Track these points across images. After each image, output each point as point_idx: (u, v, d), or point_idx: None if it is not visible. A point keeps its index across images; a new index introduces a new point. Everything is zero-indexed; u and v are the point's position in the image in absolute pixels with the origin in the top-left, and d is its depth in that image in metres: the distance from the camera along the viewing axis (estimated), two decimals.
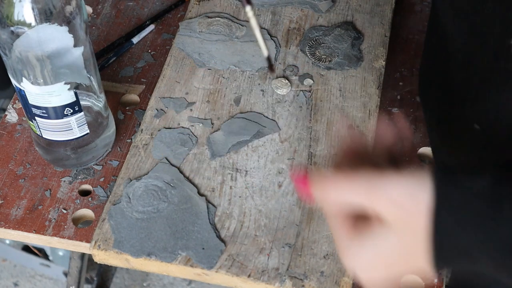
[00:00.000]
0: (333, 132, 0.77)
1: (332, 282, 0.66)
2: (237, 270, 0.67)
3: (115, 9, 0.94)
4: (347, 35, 0.86)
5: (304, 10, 0.89)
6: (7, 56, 0.66)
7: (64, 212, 0.74)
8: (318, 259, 0.67)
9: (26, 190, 0.76)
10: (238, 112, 0.79)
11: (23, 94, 0.69)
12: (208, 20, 0.88)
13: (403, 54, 0.88)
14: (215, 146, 0.76)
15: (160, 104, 0.80)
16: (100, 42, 0.90)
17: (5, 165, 0.78)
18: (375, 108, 0.79)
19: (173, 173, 0.74)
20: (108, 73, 0.86)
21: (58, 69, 0.66)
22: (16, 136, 0.80)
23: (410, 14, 0.92)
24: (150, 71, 0.87)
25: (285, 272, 0.67)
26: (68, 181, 0.76)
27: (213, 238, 0.69)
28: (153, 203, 0.71)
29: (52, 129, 0.72)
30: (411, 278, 0.70)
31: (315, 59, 0.84)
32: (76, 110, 0.71)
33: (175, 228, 0.69)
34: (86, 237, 0.72)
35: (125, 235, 0.69)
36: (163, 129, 0.78)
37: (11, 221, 0.73)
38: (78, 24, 0.65)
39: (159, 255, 0.68)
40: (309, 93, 0.81)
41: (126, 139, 0.80)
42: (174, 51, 0.85)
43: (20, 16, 0.62)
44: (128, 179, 0.73)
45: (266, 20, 0.88)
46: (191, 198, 0.72)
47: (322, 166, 0.74)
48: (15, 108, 0.83)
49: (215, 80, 0.82)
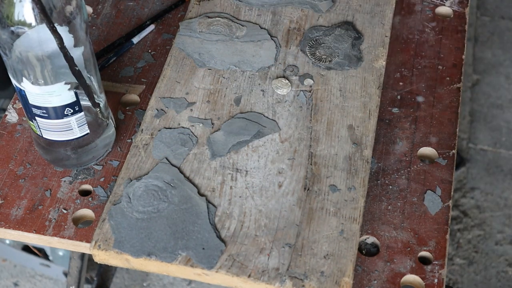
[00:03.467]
0: (333, 132, 0.77)
1: (332, 282, 0.66)
2: (237, 270, 0.67)
3: (115, 9, 0.94)
4: (347, 35, 0.86)
5: (304, 10, 0.89)
6: (7, 56, 0.66)
7: (64, 212, 0.74)
8: (318, 259, 0.67)
9: (26, 190, 0.76)
10: (238, 112, 0.79)
11: (23, 94, 0.69)
12: (208, 20, 0.88)
13: (403, 54, 0.88)
14: (215, 146, 0.76)
15: (160, 104, 0.80)
16: (100, 42, 0.90)
17: (5, 165, 0.78)
18: (375, 108, 0.79)
19: (173, 173, 0.74)
20: (108, 73, 0.86)
21: (58, 69, 0.66)
22: (16, 136, 0.80)
23: (410, 14, 0.92)
24: (150, 71, 0.87)
25: (285, 272, 0.67)
26: (68, 181, 0.76)
27: (213, 238, 0.69)
28: (153, 203, 0.71)
29: (52, 129, 0.72)
30: (411, 278, 0.70)
31: (315, 59, 0.84)
32: (76, 110, 0.71)
33: (175, 228, 0.69)
34: (86, 237, 0.72)
35: (125, 235, 0.69)
36: (163, 129, 0.78)
37: (11, 221, 0.73)
38: (78, 24, 0.65)
39: (159, 255, 0.68)
40: (309, 93, 0.81)
41: (126, 139, 0.80)
42: (174, 51, 0.85)
43: (21, 16, 0.62)
44: (128, 179, 0.73)
45: (266, 20, 0.88)
46: (191, 198, 0.72)
47: (322, 166, 0.74)
48: (15, 108, 0.83)
49: (215, 80, 0.82)
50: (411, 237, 0.72)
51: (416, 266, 0.70)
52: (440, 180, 0.76)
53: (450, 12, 0.92)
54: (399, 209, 0.74)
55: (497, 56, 1.83)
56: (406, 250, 0.71)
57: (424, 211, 0.74)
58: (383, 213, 0.74)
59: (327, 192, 0.72)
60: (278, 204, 0.72)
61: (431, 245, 0.72)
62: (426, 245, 0.72)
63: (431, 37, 0.90)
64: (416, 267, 0.70)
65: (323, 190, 0.72)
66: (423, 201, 0.75)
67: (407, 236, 0.72)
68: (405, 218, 0.74)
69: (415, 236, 0.72)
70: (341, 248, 0.68)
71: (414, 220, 0.73)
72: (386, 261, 0.71)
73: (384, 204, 0.75)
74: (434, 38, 0.90)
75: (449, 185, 0.76)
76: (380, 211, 0.74)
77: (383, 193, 0.76)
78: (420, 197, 0.75)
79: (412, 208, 0.74)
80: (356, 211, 0.71)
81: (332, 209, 0.71)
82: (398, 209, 0.74)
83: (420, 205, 0.75)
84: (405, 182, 0.76)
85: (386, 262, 0.71)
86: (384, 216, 0.74)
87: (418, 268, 0.70)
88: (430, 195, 0.75)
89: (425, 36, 0.90)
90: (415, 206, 0.74)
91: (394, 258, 0.71)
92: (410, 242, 0.72)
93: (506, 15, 1.91)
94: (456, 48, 0.88)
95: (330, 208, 0.71)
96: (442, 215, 0.74)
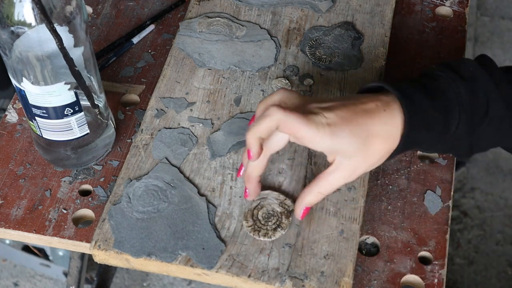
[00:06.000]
0: None
1: (332, 282, 0.66)
2: (237, 270, 0.67)
3: (115, 9, 0.94)
4: (347, 35, 0.86)
5: (304, 10, 0.89)
6: (7, 56, 0.66)
7: (64, 212, 0.74)
8: (318, 259, 0.67)
9: (26, 190, 0.76)
10: (238, 112, 0.79)
11: (23, 94, 0.69)
12: (208, 20, 0.88)
13: (403, 54, 0.88)
14: (215, 146, 0.76)
15: (160, 104, 0.80)
16: (100, 42, 0.90)
17: (5, 165, 0.78)
18: None
19: (173, 173, 0.74)
20: (108, 73, 0.86)
21: (58, 69, 0.66)
22: (16, 136, 0.80)
23: (410, 14, 0.92)
24: (150, 71, 0.87)
25: (285, 272, 0.67)
26: (68, 181, 0.76)
27: (213, 238, 0.69)
28: (153, 203, 0.71)
29: (52, 129, 0.72)
30: (411, 278, 0.70)
31: (315, 59, 0.84)
32: (76, 110, 0.71)
33: (175, 228, 0.69)
34: (86, 237, 0.72)
35: (125, 235, 0.69)
36: (163, 129, 0.78)
37: (11, 221, 0.73)
38: (78, 24, 0.65)
39: (159, 255, 0.68)
40: (309, 93, 0.81)
41: (126, 139, 0.80)
42: (174, 51, 0.85)
43: (20, 16, 0.62)
44: (128, 179, 0.73)
45: (266, 20, 0.88)
46: (191, 198, 0.72)
47: (322, 166, 0.74)
48: (15, 108, 0.83)
49: (215, 80, 0.82)
50: (411, 237, 0.72)
51: (416, 266, 0.70)
52: (440, 180, 0.76)
53: (450, 12, 0.92)
54: (399, 209, 0.74)
55: (497, 56, 1.83)
56: (406, 250, 0.71)
57: (424, 211, 0.74)
58: (383, 213, 0.74)
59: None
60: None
61: (431, 245, 0.72)
62: (426, 245, 0.72)
63: (431, 37, 0.90)
64: (416, 267, 0.70)
65: None
66: (423, 201, 0.75)
67: (407, 236, 0.72)
68: (405, 218, 0.74)
69: (415, 236, 0.72)
70: (341, 248, 0.68)
71: (414, 220, 0.73)
72: (386, 261, 0.71)
73: (384, 204, 0.75)
74: (434, 38, 0.89)
75: (449, 185, 0.76)
76: (380, 211, 0.74)
77: (383, 193, 0.76)
78: (420, 197, 0.75)
79: (412, 208, 0.74)
80: (356, 211, 0.71)
81: (332, 209, 0.71)
82: (398, 209, 0.74)
83: (420, 205, 0.75)
84: (405, 182, 0.76)
85: (386, 262, 0.70)
86: (384, 216, 0.74)
87: (418, 268, 0.70)
88: (430, 195, 0.75)
89: (425, 36, 0.90)
90: (415, 206, 0.74)
91: (394, 258, 0.71)
92: (410, 242, 0.72)
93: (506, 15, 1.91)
94: (456, 48, 0.88)
95: (330, 208, 0.71)
96: (442, 215, 0.74)
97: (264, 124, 0.63)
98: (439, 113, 0.65)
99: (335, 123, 0.62)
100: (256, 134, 0.64)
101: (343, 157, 0.63)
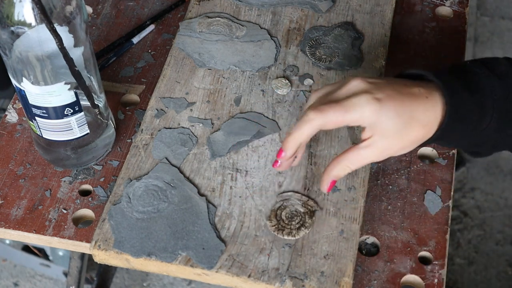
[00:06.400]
0: (333, 132, 0.77)
1: (332, 282, 0.66)
2: (237, 270, 0.67)
3: (115, 9, 0.94)
4: (347, 35, 0.86)
5: (304, 10, 0.89)
6: (7, 56, 0.66)
7: (64, 212, 0.74)
8: (318, 259, 0.67)
9: (26, 190, 0.76)
10: (238, 112, 0.79)
11: (23, 94, 0.69)
12: (208, 20, 0.88)
13: (403, 54, 0.88)
14: (215, 146, 0.76)
15: (160, 104, 0.80)
16: (100, 42, 0.90)
17: (5, 165, 0.78)
18: None
19: (173, 173, 0.74)
20: (108, 73, 0.86)
21: (58, 69, 0.66)
22: (16, 136, 0.80)
23: (410, 14, 0.92)
24: (150, 71, 0.87)
25: (285, 272, 0.67)
26: (68, 181, 0.76)
27: (213, 238, 0.69)
28: (153, 203, 0.71)
29: (52, 129, 0.72)
30: (411, 278, 0.70)
31: (315, 59, 0.84)
32: (76, 110, 0.71)
33: (175, 228, 0.69)
34: (86, 237, 0.72)
35: (125, 235, 0.69)
36: (163, 129, 0.78)
37: (11, 221, 0.73)
38: (78, 24, 0.65)
39: (159, 255, 0.68)
40: (309, 93, 0.81)
41: (126, 139, 0.80)
42: (174, 51, 0.85)
43: (20, 16, 0.62)
44: (128, 179, 0.73)
45: (266, 20, 0.88)
46: (191, 198, 0.72)
47: (322, 166, 0.74)
48: (15, 108, 0.83)
49: (215, 80, 0.82)
50: (411, 237, 0.72)
51: (416, 266, 0.70)
52: (440, 180, 0.76)
53: (450, 12, 0.92)
54: (399, 209, 0.74)
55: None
56: (406, 250, 0.71)
57: (424, 211, 0.74)
58: (383, 213, 0.74)
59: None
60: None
61: (431, 245, 0.72)
62: (426, 245, 0.72)
63: (431, 37, 0.90)
64: (416, 267, 0.70)
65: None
66: (423, 201, 0.75)
67: (407, 236, 0.72)
68: (405, 218, 0.74)
69: (415, 236, 0.72)
70: (341, 248, 0.68)
71: (414, 220, 0.73)
72: (386, 261, 0.71)
73: (384, 204, 0.75)
74: (434, 38, 0.89)
75: (449, 185, 0.76)
76: (380, 211, 0.74)
77: (383, 193, 0.76)
78: (420, 197, 0.75)
79: (412, 208, 0.74)
80: (356, 211, 0.71)
81: (332, 209, 0.71)
82: (398, 209, 0.74)
83: (420, 205, 0.75)
84: (405, 182, 0.76)
85: (386, 262, 0.70)
86: (384, 216, 0.74)
87: (418, 268, 0.70)
88: (430, 195, 0.75)
89: (425, 36, 0.90)
90: (415, 206, 0.74)
91: (394, 258, 0.71)
92: (410, 242, 0.72)
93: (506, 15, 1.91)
94: (456, 48, 0.88)
95: (330, 208, 0.71)
96: (442, 215, 0.74)
97: (306, 131, 0.64)
98: (476, 108, 0.65)
99: (382, 98, 0.62)
100: (298, 140, 0.65)
101: (380, 136, 0.63)
